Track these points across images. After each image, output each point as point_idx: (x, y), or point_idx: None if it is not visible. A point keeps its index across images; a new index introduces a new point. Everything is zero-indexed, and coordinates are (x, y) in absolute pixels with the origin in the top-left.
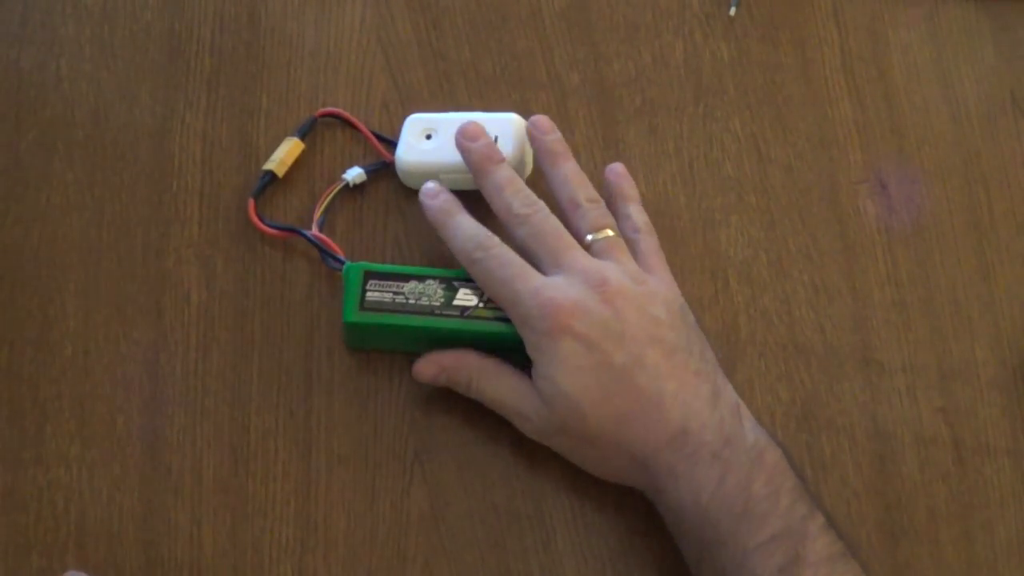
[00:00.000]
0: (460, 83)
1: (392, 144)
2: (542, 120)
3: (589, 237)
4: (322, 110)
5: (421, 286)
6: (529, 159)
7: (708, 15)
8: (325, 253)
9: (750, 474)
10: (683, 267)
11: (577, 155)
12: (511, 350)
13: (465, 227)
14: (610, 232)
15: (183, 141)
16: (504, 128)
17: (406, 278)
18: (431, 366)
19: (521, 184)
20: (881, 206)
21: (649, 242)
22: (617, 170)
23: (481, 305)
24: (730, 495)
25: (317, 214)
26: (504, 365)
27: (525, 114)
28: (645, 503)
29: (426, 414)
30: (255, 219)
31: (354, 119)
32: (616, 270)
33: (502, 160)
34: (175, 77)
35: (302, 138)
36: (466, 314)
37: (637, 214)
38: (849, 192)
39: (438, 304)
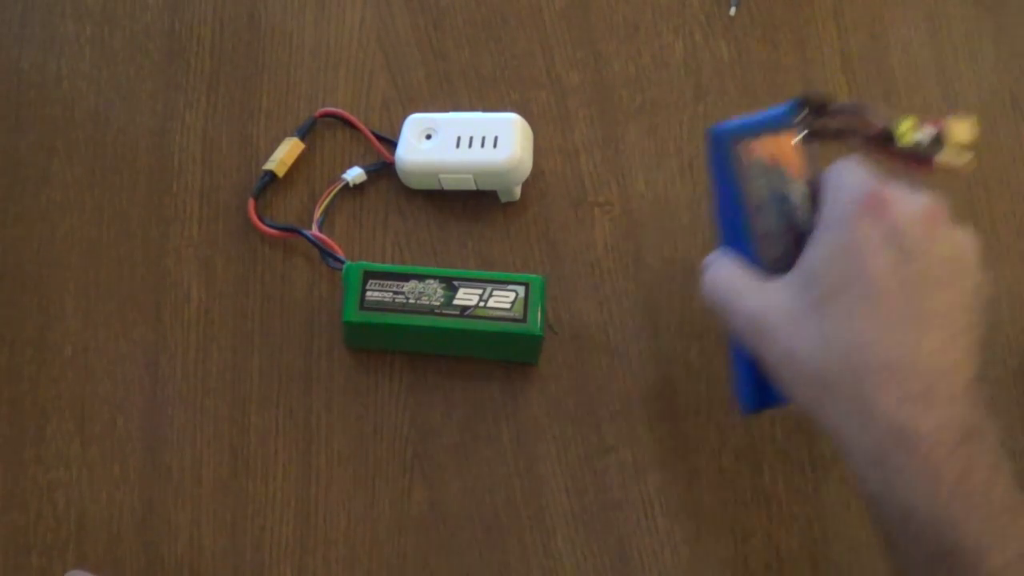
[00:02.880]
0: (460, 83)
1: (392, 144)
2: None
3: None
4: (322, 110)
5: (421, 285)
6: (529, 159)
7: (708, 15)
8: (325, 253)
9: (993, 475)
10: (683, 268)
11: (577, 155)
12: (510, 350)
13: None
14: None
15: (183, 141)
16: (504, 128)
17: (406, 277)
18: None
19: None
20: None
21: None
22: None
23: (481, 304)
24: (972, 492)
25: (317, 214)
26: None
27: (525, 114)
28: (644, 503)
29: (426, 414)
30: (255, 219)
31: (354, 119)
32: None
33: None
34: (175, 77)
35: (302, 138)
36: (466, 313)
37: None
38: None
39: (438, 304)
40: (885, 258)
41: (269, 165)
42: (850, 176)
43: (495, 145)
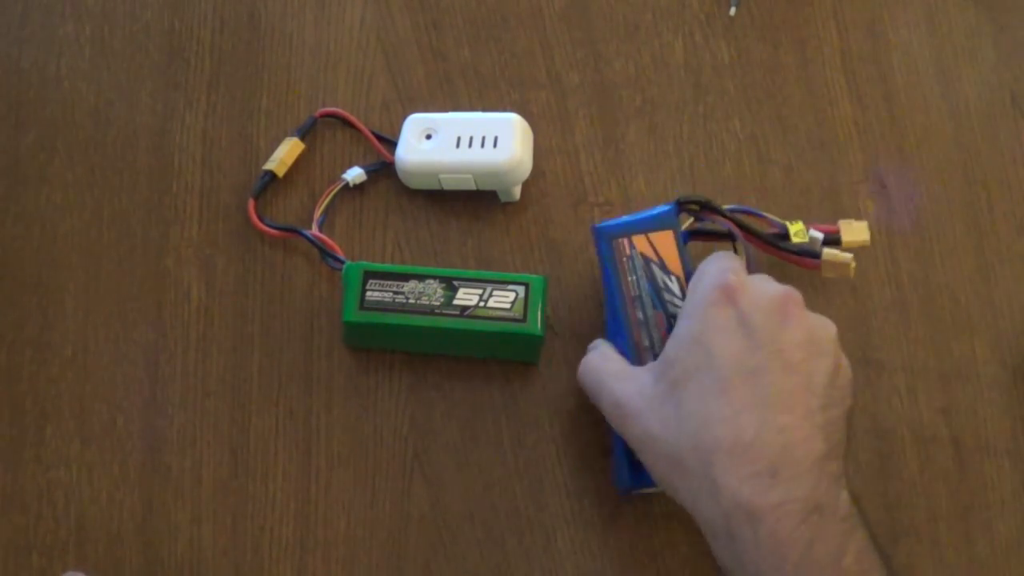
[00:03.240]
0: (460, 83)
1: (392, 144)
2: None
3: None
4: (322, 110)
5: (421, 285)
6: (529, 159)
7: (708, 15)
8: (325, 253)
9: (841, 546)
10: None
11: (577, 155)
12: (510, 350)
13: None
14: None
15: (183, 141)
16: (504, 128)
17: (406, 277)
18: None
19: None
20: (881, 206)
21: None
22: None
23: (481, 304)
24: (819, 563)
25: (317, 214)
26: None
27: (525, 114)
28: (645, 503)
29: (426, 414)
30: (255, 219)
31: (354, 119)
32: None
33: None
34: (175, 77)
35: (302, 138)
36: (466, 313)
37: None
38: (849, 192)
39: (438, 304)
40: (734, 344)
41: (269, 165)
42: (710, 268)
43: (495, 145)
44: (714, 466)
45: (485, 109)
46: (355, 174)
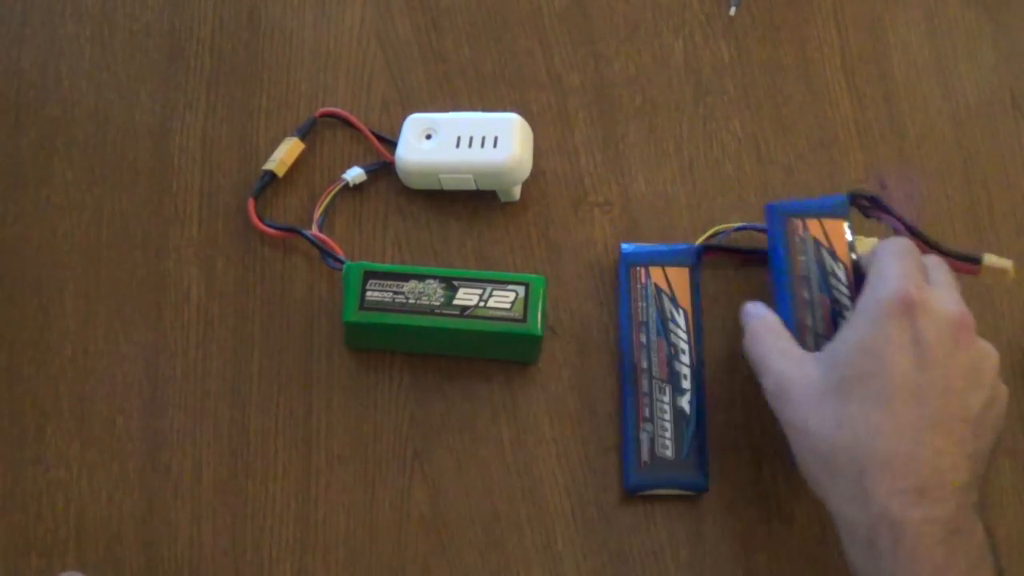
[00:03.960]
0: (460, 83)
1: (392, 144)
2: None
3: None
4: (322, 110)
5: (421, 285)
6: (529, 159)
7: (708, 15)
8: (325, 253)
9: (973, 572)
10: None
11: (577, 155)
12: (510, 350)
13: None
14: None
15: (183, 141)
16: (504, 128)
17: (406, 278)
18: None
19: None
20: None
21: None
22: None
23: (481, 304)
24: None
25: (317, 214)
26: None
27: (525, 114)
28: (645, 503)
29: (426, 414)
30: (255, 219)
31: (354, 119)
32: None
33: None
34: (175, 77)
35: (302, 138)
36: (466, 313)
37: None
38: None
39: (438, 304)
40: (906, 361)
41: (269, 165)
42: (890, 270)
43: (495, 145)
44: (867, 474)
45: (485, 109)
46: (355, 174)
